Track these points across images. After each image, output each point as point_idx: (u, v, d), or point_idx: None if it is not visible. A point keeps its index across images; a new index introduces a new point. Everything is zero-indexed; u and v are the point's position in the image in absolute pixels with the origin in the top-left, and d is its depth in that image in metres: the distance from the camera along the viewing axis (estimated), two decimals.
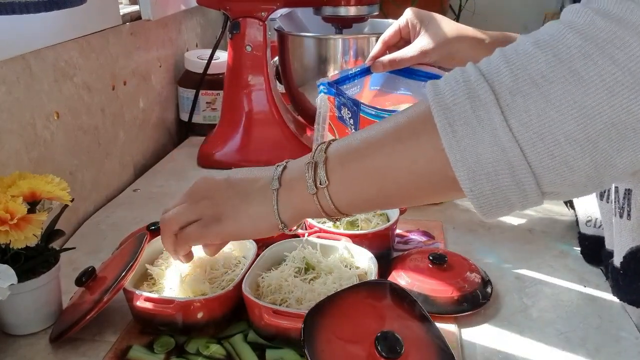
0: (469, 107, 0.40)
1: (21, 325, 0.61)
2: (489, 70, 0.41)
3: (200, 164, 1.09)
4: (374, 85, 0.90)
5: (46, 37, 0.79)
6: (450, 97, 0.41)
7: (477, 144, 0.40)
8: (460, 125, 0.41)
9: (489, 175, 0.41)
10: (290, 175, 0.52)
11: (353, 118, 0.84)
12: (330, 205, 0.49)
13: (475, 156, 0.40)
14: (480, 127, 0.40)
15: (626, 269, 0.61)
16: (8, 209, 0.55)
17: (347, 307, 0.55)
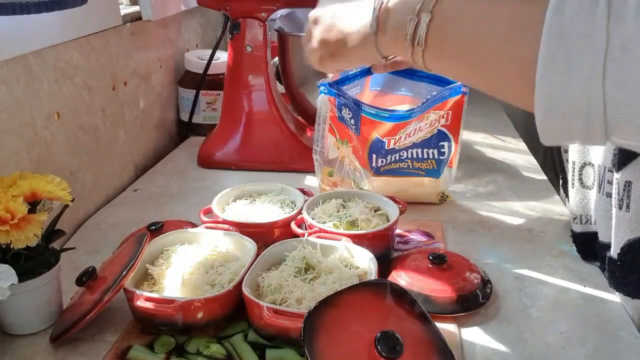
0: (577, 48, 0.39)
1: (21, 325, 0.61)
2: (617, 11, 0.38)
3: (201, 164, 1.09)
4: (375, 86, 0.90)
5: (47, 38, 0.79)
6: (568, 29, 0.40)
7: (568, 84, 0.40)
8: (560, 59, 0.40)
9: (564, 115, 0.41)
10: (391, 20, 0.53)
11: (354, 118, 0.84)
12: (421, 63, 0.51)
13: (560, 94, 0.40)
14: (579, 69, 0.39)
15: (623, 260, 0.62)
16: (9, 209, 0.55)
17: (347, 307, 0.55)
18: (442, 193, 0.91)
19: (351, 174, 0.89)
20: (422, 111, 0.83)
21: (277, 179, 0.98)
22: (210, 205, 0.78)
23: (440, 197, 0.91)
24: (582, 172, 0.73)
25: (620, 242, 0.62)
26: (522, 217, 0.87)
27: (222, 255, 0.67)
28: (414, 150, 0.86)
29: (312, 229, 0.71)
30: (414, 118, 0.83)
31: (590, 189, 0.72)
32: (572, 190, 0.75)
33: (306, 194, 0.82)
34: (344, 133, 0.87)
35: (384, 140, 0.83)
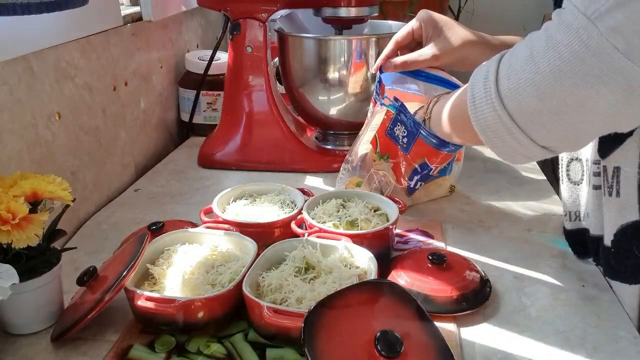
0: (482, 88, 0.60)
1: (22, 325, 0.62)
2: (501, 71, 0.59)
3: (201, 164, 1.09)
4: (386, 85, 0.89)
5: (47, 38, 0.80)
6: (477, 81, 0.61)
7: (485, 114, 0.60)
8: (476, 99, 0.60)
9: (495, 132, 0.60)
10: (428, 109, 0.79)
11: (408, 137, 0.81)
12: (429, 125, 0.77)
13: (485, 121, 0.60)
14: (486, 100, 0.59)
15: (617, 246, 0.63)
16: (10, 209, 0.56)
17: (347, 306, 0.55)
18: (452, 185, 0.94)
19: (383, 188, 0.87)
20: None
21: (277, 179, 0.99)
22: (210, 205, 0.78)
23: (450, 190, 0.94)
24: (569, 168, 0.74)
25: (612, 229, 0.63)
26: (522, 216, 0.87)
27: (223, 255, 0.67)
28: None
29: (312, 228, 0.72)
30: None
31: (579, 184, 0.73)
32: (563, 186, 0.76)
33: (306, 194, 0.82)
34: (389, 148, 0.85)
35: (431, 166, 0.82)
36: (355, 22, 1.06)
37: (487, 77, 0.59)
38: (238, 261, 0.66)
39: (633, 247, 0.62)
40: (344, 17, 1.02)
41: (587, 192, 0.71)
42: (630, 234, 0.62)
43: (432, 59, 0.82)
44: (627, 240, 0.62)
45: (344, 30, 1.06)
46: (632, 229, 0.61)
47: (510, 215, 0.88)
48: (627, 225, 0.62)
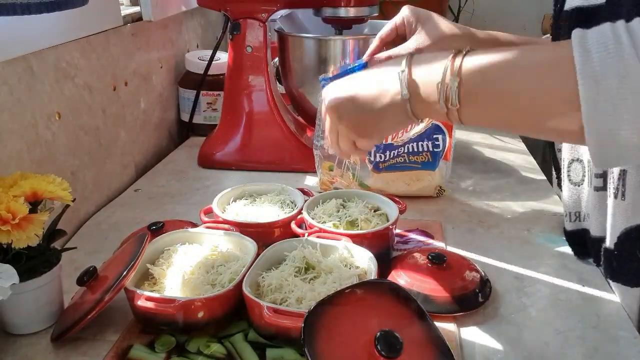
0: (616, 87, 0.41)
1: (22, 325, 0.62)
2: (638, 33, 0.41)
3: (201, 164, 1.09)
4: None
5: (47, 38, 0.80)
6: (600, 70, 0.42)
7: (617, 124, 0.42)
8: (604, 101, 0.42)
9: (619, 148, 0.43)
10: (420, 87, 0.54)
11: None
12: (457, 120, 0.53)
13: (609, 132, 0.42)
14: (625, 108, 0.41)
15: (620, 249, 0.63)
16: (10, 209, 0.56)
17: (347, 306, 0.55)
18: (439, 187, 0.92)
19: (351, 168, 0.90)
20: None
21: (277, 179, 0.99)
22: (210, 205, 0.78)
23: (437, 191, 0.92)
24: (570, 168, 0.74)
25: (616, 231, 0.63)
26: (521, 216, 0.87)
27: (223, 255, 0.67)
28: (410, 145, 0.89)
29: (312, 228, 0.72)
30: None
31: (579, 185, 0.73)
32: (564, 187, 0.76)
33: (306, 194, 0.82)
34: None
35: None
36: (355, 22, 1.06)
37: (624, 68, 0.41)
38: (238, 261, 0.66)
39: (636, 250, 0.61)
40: (344, 17, 1.02)
41: (587, 193, 0.71)
42: (635, 237, 0.61)
43: (416, 52, 0.82)
44: (631, 244, 0.62)
45: (344, 30, 1.06)
46: (637, 232, 0.61)
47: (510, 215, 0.88)
48: (631, 229, 0.61)
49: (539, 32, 1.66)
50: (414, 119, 0.57)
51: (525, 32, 1.75)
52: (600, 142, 0.43)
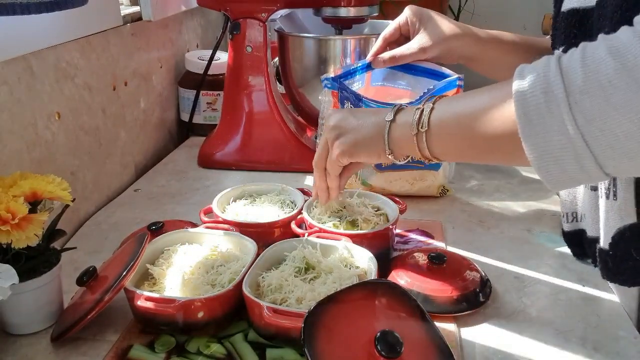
0: (543, 101, 0.47)
1: (22, 325, 0.62)
2: (567, 68, 0.47)
3: (201, 164, 1.09)
4: (376, 82, 0.91)
5: (47, 38, 0.80)
6: (530, 90, 0.48)
7: (547, 132, 0.47)
8: (533, 115, 0.48)
9: (556, 159, 0.47)
10: (402, 115, 0.62)
11: None
12: (425, 146, 0.59)
13: (544, 142, 0.47)
14: (551, 118, 0.46)
15: (615, 249, 0.63)
16: (9, 209, 0.56)
17: (347, 307, 0.55)
18: (443, 186, 0.92)
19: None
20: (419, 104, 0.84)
21: (277, 179, 0.99)
22: (210, 205, 0.78)
23: (440, 191, 0.92)
24: None
25: (610, 231, 0.63)
26: (522, 216, 0.87)
27: (223, 255, 0.67)
28: None
29: (312, 228, 0.72)
30: None
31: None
32: None
33: (306, 194, 0.82)
34: None
35: None
36: (355, 22, 1.06)
37: (547, 85, 0.47)
38: (238, 261, 0.66)
39: (631, 249, 0.61)
40: (344, 17, 1.02)
41: (583, 193, 0.71)
42: (628, 236, 0.61)
43: (420, 52, 0.83)
44: (626, 243, 0.62)
45: (344, 30, 1.06)
46: (630, 231, 0.61)
47: (510, 215, 0.88)
48: (625, 228, 0.61)
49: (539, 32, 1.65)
50: (386, 147, 0.63)
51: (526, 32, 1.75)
52: (538, 156, 0.48)
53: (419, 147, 0.60)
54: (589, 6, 0.62)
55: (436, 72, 0.87)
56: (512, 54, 0.82)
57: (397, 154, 0.63)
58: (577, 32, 0.64)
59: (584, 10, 0.63)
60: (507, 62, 0.82)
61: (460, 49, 0.81)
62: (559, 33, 0.67)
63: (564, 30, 0.65)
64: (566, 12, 0.65)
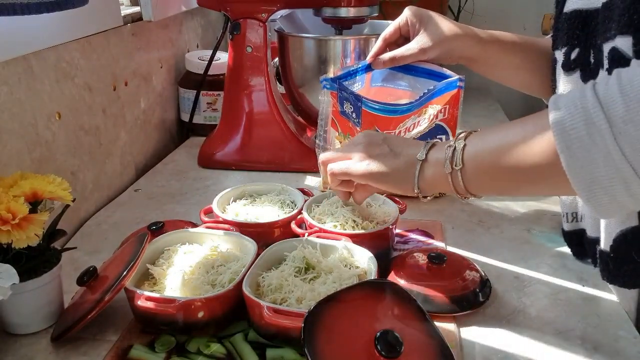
0: (585, 133, 0.47)
1: (23, 325, 0.62)
2: (605, 98, 0.46)
3: (201, 164, 1.09)
4: (376, 82, 0.91)
5: (47, 38, 0.80)
6: (570, 122, 0.48)
7: (593, 164, 0.47)
8: (577, 148, 0.47)
9: (605, 189, 0.47)
10: (435, 153, 0.61)
11: (355, 112, 0.85)
12: (460, 184, 0.58)
13: (591, 174, 0.47)
14: (596, 150, 0.46)
15: (616, 252, 0.62)
16: (10, 209, 0.56)
17: (347, 306, 0.55)
18: None
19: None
20: (420, 105, 0.84)
21: (277, 179, 0.99)
22: (210, 205, 0.78)
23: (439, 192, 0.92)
24: None
25: (611, 234, 0.63)
26: (521, 216, 0.87)
27: (223, 255, 0.67)
28: None
29: (312, 228, 0.72)
30: (412, 112, 0.84)
31: None
32: None
33: (306, 194, 0.82)
34: (347, 127, 0.88)
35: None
36: (355, 22, 1.06)
37: (587, 116, 0.46)
38: (238, 261, 0.66)
39: (632, 252, 0.61)
40: (344, 17, 1.02)
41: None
42: (630, 239, 0.61)
43: (420, 53, 0.83)
44: (627, 246, 0.62)
45: (344, 30, 1.06)
46: (632, 234, 0.61)
47: (510, 215, 0.88)
48: (626, 231, 0.61)
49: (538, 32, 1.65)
50: (416, 187, 0.62)
51: (525, 32, 1.75)
52: (587, 188, 0.48)
53: (454, 184, 0.59)
54: (593, 8, 0.61)
55: (436, 73, 0.87)
56: (512, 54, 0.82)
57: (427, 191, 0.62)
58: (580, 34, 0.64)
59: (588, 12, 0.62)
60: (508, 63, 0.83)
61: (460, 49, 0.81)
62: (561, 34, 0.67)
63: (567, 32, 0.65)
64: (569, 13, 0.65)
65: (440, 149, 0.60)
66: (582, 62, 0.64)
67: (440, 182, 0.60)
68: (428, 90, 0.84)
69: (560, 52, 0.67)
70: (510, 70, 0.83)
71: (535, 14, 1.72)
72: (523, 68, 0.82)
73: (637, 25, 0.52)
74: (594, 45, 0.61)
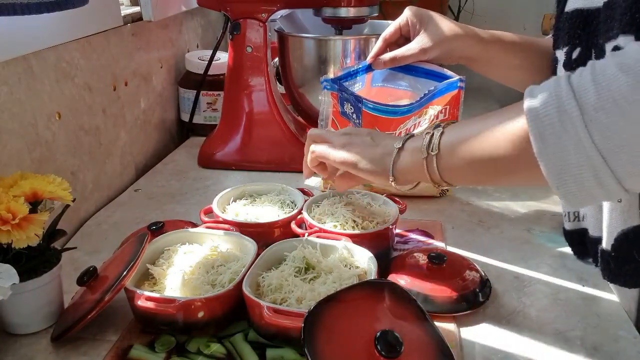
0: (557, 120, 0.47)
1: (23, 325, 0.62)
2: (578, 86, 0.47)
3: (201, 164, 1.09)
4: (376, 83, 0.91)
5: (48, 38, 0.80)
6: (543, 109, 0.48)
7: (563, 151, 0.47)
8: (549, 135, 0.48)
9: (575, 176, 0.47)
10: (412, 143, 0.62)
11: (356, 113, 0.85)
12: (435, 171, 0.59)
13: (561, 161, 0.47)
14: (567, 136, 0.47)
15: (618, 251, 0.63)
16: (10, 209, 0.56)
17: (347, 306, 0.55)
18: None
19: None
20: (421, 106, 0.84)
21: (277, 179, 0.99)
22: (210, 205, 0.78)
23: (440, 191, 0.92)
24: None
25: (613, 233, 0.63)
26: (521, 216, 0.88)
27: (223, 255, 0.67)
28: None
29: (312, 228, 0.72)
30: (413, 113, 0.84)
31: None
32: None
33: (306, 194, 0.82)
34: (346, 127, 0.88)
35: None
36: (355, 22, 1.06)
37: (560, 103, 0.47)
38: (238, 261, 0.66)
39: (634, 251, 0.61)
40: (344, 17, 1.02)
41: None
42: (632, 238, 0.61)
43: (420, 53, 0.83)
44: (628, 245, 0.62)
45: (344, 30, 1.06)
46: (633, 233, 0.61)
47: (510, 215, 0.88)
48: (628, 230, 0.61)
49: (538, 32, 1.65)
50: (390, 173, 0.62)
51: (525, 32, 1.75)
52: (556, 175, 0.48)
53: (429, 171, 0.59)
54: (594, 7, 0.61)
55: (437, 73, 0.87)
56: (512, 54, 0.82)
57: (401, 180, 0.62)
58: (581, 33, 0.64)
59: (589, 11, 0.62)
60: (508, 63, 0.83)
61: (461, 49, 0.81)
62: (562, 34, 0.67)
63: (568, 31, 0.65)
64: (570, 13, 0.65)
65: (418, 139, 0.61)
66: (584, 62, 0.64)
67: (415, 169, 0.60)
68: (429, 91, 0.84)
69: (561, 52, 0.67)
70: (511, 70, 0.83)
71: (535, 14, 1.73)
72: (524, 68, 0.82)
73: (639, 25, 0.52)
74: (596, 45, 0.61)
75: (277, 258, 0.66)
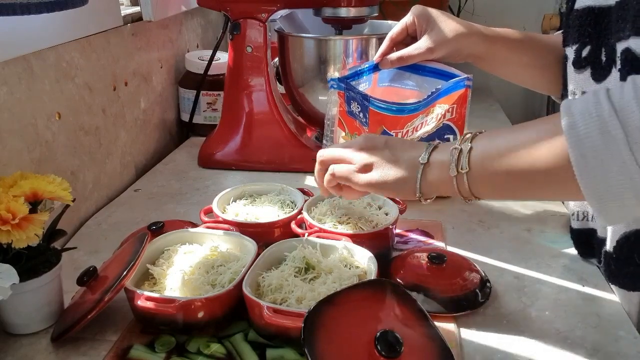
0: (601, 142, 0.46)
1: (23, 325, 0.62)
2: (621, 106, 0.45)
3: (201, 164, 1.09)
4: (382, 82, 0.91)
5: (47, 38, 0.80)
6: (584, 130, 0.47)
7: (606, 173, 0.46)
8: (591, 157, 0.46)
9: (615, 196, 0.46)
10: (438, 155, 0.59)
11: (363, 112, 0.85)
12: (466, 187, 0.56)
13: (605, 184, 0.46)
14: (610, 159, 0.45)
15: (619, 253, 0.63)
16: (10, 209, 0.56)
17: (347, 306, 0.55)
18: None
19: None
20: (428, 104, 0.84)
21: (277, 179, 0.99)
22: (210, 205, 0.78)
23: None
24: None
25: (616, 235, 0.63)
26: (521, 216, 0.87)
27: (223, 255, 0.67)
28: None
29: (312, 228, 0.72)
30: (419, 111, 0.84)
31: None
32: None
33: (306, 194, 0.82)
34: (354, 127, 0.88)
35: (391, 133, 0.84)
36: (355, 22, 1.06)
37: (603, 125, 0.46)
38: (238, 261, 0.66)
39: (634, 254, 0.61)
40: (344, 17, 1.02)
41: None
42: (633, 241, 0.61)
43: (427, 52, 0.82)
44: (629, 248, 0.62)
45: (344, 30, 1.06)
46: (635, 237, 0.61)
47: (510, 215, 0.88)
48: (630, 233, 0.61)
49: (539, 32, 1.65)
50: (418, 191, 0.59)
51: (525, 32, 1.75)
52: (598, 198, 0.47)
53: (459, 188, 0.57)
54: (606, 5, 0.61)
55: (444, 72, 0.87)
56: (519, 51, 0.81)
57: (428, 195, 0.60)
58: (591, 31, 0.63)
59: (600, 9, 0.62)
60: (516, 60, 0.82)
61: (468, 47, 0.81)
62: (572, 31, 0.66)
63: (578, 29, 0.65)
64: (580, 10, 0.64)
65: (443, 151, 0.58)
66: (593, 60, 0.63)
67: (444, 185, 0.58)
68: (435, 90, 0.84)
69: (571, 49, 0.67)
70: (519, 67, 0.83)
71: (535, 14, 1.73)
72: (531, 65, 0.82)
73: None
74: (606, 44, 0.61)
75: (277, 258, 0.66)
